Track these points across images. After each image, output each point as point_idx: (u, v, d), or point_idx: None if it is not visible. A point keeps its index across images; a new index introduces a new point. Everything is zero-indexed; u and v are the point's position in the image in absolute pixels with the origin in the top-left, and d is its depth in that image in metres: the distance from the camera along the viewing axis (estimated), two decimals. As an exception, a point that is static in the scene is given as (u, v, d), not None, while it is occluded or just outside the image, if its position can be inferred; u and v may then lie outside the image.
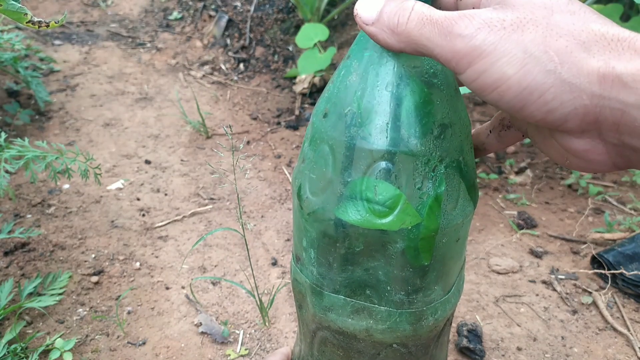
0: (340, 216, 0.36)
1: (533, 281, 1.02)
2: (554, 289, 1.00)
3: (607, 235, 1.11)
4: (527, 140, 1.48)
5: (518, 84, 0.27)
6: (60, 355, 0.83)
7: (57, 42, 1.97)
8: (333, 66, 1.67)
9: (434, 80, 0.34)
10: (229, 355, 0.85)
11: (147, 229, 1.14)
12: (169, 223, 1.16)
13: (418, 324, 0.40)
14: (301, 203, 0.39)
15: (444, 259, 0.38)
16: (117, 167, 1.34)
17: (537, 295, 0.98)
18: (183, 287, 0.99)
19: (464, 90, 0.64)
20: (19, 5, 0.48)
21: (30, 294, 0.92)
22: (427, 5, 0.29)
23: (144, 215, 1.18)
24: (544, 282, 1.01)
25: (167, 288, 0.98)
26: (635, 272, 0.96)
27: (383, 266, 0.37)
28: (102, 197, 1.22)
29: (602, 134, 0.28)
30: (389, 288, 0.38)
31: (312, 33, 1.53)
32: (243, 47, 1.97)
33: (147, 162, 1.37)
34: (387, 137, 0.34)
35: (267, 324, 0.91)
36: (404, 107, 0.34)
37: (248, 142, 1.50)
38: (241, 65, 1.91)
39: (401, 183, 0.34)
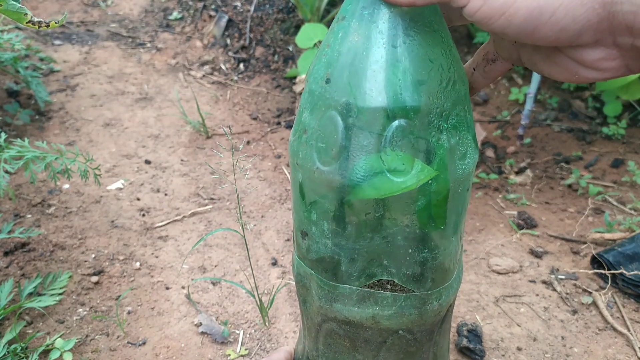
0: (357, 196, 0.35)
1: (533, 281, 1.02)
2: (554, 289, 1.00)
3: (607, 235, 1.11)
4: (527, 140, 1.48)
5: (526, 6, 0.26)
6: (60, 355, 0.83)
7: (57, 42, 1.97)
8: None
9: (436, 31, 0.34)
10: (229, 355, 0.85)
11: (147, 229, 1.14)
12: (169, 223, 1.16)
13: (423, 307, 0.40)
14: (310, 175, 0.37)
15: (460, 207, 0.39)
16: (117, 167, 1.34)
17: (537, 295, 0.98)
18: (183, 287, 0.99)
19: None
20: (19, 5, 0.48)
21: (30, 294, 0.92)
22: None
23: (144, 215, 1.18)
24: (544, 282, 1.01)
25: (167, 288, 0.98)
26: (635, 272, 0.96)
27: (402, 229, 0.37)
28: (102, 197, 1.22)
29: (615, 40, 0.27)
30: (410, 251, 0.38)
31: (312, 33, 1.53)
32: (243, 47, 1.97)
33: (147, 162, 1.37)
34: (400, 94, 0.33)
35: (267, 324, 0.91)
36: (413, 61, 0.33)
37: (248, 142, 1.50)
38: (241, 65, 1.91)
39: (417, 138, 0.34)
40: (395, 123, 0.34)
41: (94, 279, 0.99)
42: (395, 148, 0.34)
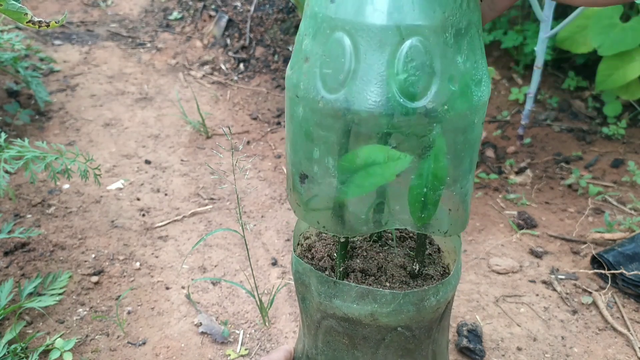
0: (341, 198, 0.34)
1: (533, 281, 1.02)
2: (554, 289, 1.00)
3: (607, 235, 1.11)
4: (527, 140, 1.48)
5: None
6: (60, 355, 0.83)
7: (57, 42, 1.97)
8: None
9: None
10: (229, 355, 0.85)
11: (147, 229, 1.14)
12: (169, 223, 1.16)
13: (421, 304, 0.40)
14: (313, 106, 0.35)
15: (475, 140, 0.36)
16: (117, 167, 1.34)
17: (537, 295, 0.98)
18: (183, 287, 0.99)
19: None
20: (19, 5, 0.48)
21: (30, 294, 0.92)
22: None
23: (144, 215, 1.18)
24: (544, 282, 1.01)
25: (167, 288, 0.98)
26: (635, 272, 0.96)
27: (415, 163, 0.34)
28: (102, 197, 1.22)
29: None
30: (424, 190, 0.35)
31: (312, 33, 1.53)
32: (243, 47, 1.97)
33: (147, 162, 1.37)
34: (413, 10, 0.31)
35: (267, 324, 0.91)
36: None
37: (248, 142, 1.50)
38: (241, 65, 1.91)
39: (433, 58, 0.32)
40: (409, 42, 0.31)
41: (94, 279, 0.99)
42: (409, 69, 0.32)
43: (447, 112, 0.33)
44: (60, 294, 0.94)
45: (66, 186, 1.25)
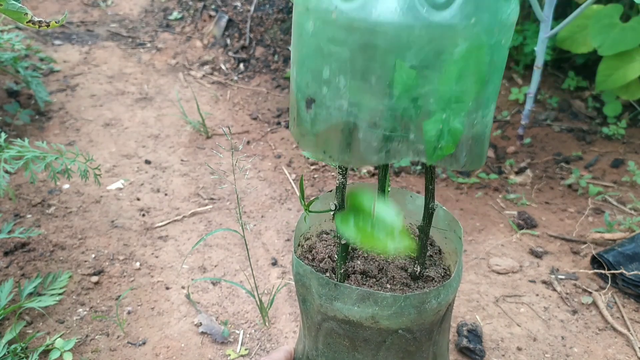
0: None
1: (533, 281, 1.02)
2: (554, 289, 1.00)
3: (607, 235, 1.11)
4: (527, 140, 1.48)
5: None
6: (60, 355, 0.83)
7: (57, 42, 1.97)
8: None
9: None
10: (229, 355, 0.85)
11: (147, 229, 1.14)
12: (169, 223, 1.16)
13: (422, 307, 0.40)
14: (326, 19, 0.32)
15: (501, 65, 0.33)
16: (117, 167, 1.34)
17: (537, 295, 0.98)
18: (183, 287, 0.99)
19: None
20: (19, 5, 0.48)
21: (30, 294, 0.92)
22: None
23: (144, 215, 1.18)
24: (544, 282, 1.01)
25: (167, 288, 0.98)
26: (635, 272, 0.96)
27: (437, 85, 0.31)
28: (102, 197, 1.22)
29: None
30: (443, 116, 0.31)
31: (312, 33, 1.53)
32: (243, 47, 1.97)
33: (147, 162, 1.37)
34: None
35: (267, 324, 0.91)
36: None
37: (248, 142, 1.50)
38: (241, 65, 1.91)
39: None
40: None
41: (94, 279, 0.99)
42: None
43: (473, 27, 0.30)
44: (60, 294, 0.94)
45: (66, 186, 1.25)
